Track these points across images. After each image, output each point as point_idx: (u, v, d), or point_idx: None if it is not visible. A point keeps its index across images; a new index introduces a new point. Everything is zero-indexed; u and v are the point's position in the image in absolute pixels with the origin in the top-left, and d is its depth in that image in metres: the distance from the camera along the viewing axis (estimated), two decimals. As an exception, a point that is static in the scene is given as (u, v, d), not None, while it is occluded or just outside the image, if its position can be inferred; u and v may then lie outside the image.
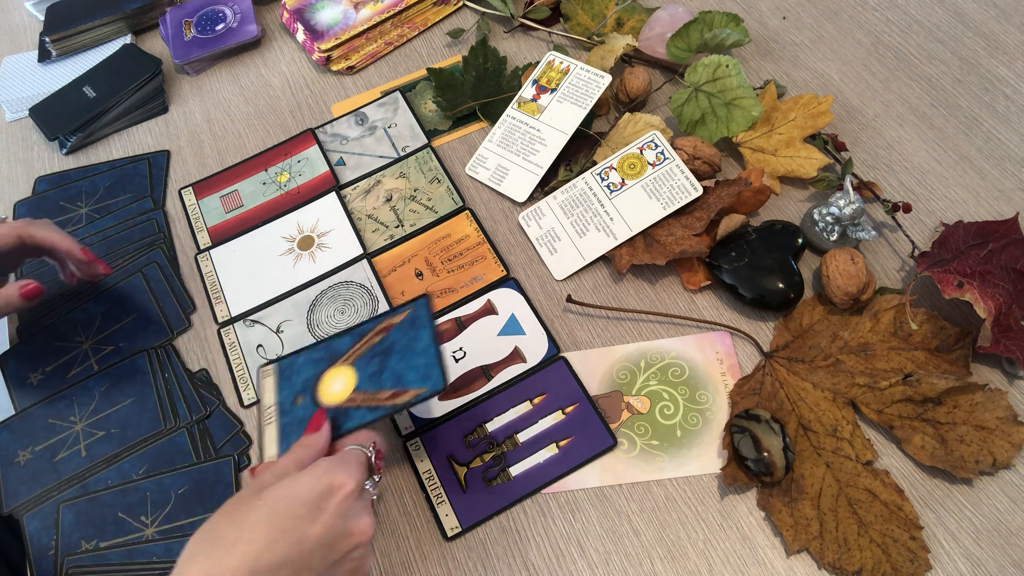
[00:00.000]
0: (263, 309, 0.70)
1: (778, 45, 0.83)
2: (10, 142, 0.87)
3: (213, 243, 0.75)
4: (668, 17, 0.79)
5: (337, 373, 0.59)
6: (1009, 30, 0.80)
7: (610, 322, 0.66)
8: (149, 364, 0.67)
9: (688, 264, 0.67)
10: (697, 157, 0.69)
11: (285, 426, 0.57)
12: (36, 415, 0.66)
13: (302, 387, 0.59)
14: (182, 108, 0.87)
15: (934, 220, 0.69)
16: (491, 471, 0.59)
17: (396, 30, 0.89)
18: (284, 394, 0.59)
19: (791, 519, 0.54)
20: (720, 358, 0.63)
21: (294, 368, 0.60)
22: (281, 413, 0.58)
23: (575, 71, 0.76)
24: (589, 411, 0.61)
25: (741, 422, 0.56)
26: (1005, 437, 0.55)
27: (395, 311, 0.60)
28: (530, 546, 0.56)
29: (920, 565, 0.52)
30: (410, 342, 0.58)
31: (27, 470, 0.63)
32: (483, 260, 0.70)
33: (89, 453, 0.63)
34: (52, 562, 0.59)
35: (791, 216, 0.70)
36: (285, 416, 0.58)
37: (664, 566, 0.55)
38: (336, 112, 0.84)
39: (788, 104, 0.72)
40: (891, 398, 0.58)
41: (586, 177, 0.71)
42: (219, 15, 0.91)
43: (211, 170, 0.81)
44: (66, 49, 0.91)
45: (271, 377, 0.58)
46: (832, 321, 0.62)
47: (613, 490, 0.58)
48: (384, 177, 0.77)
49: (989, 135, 0.73)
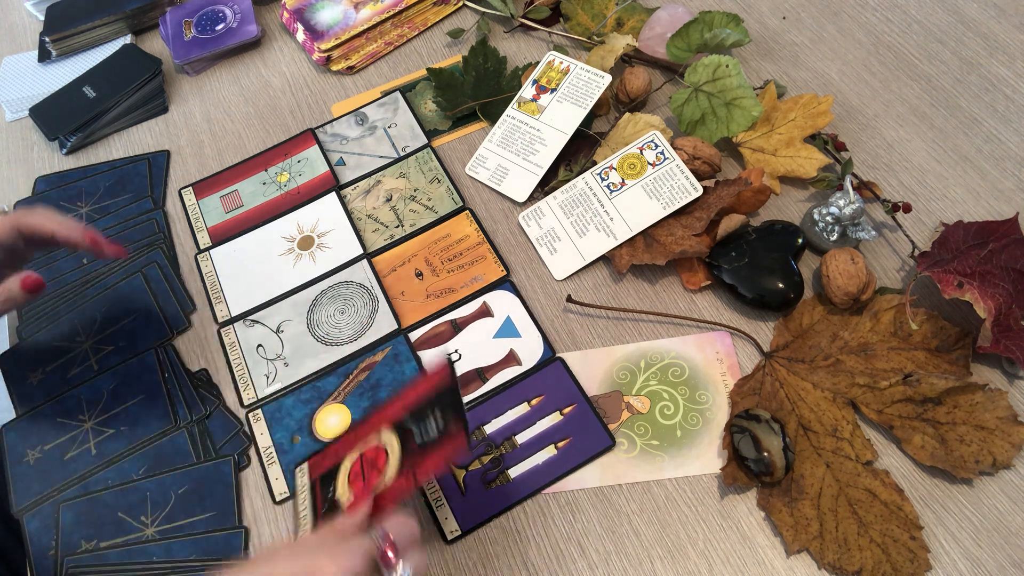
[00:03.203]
0: (263, 309, 0.70)
1: (778, 45, 0.83)
2: (10, 142, 0.87)
3: (213, 243, 0.75)
4: (668, 17, 0.79)
5: (330, 411, 0.63)
6: (1009, 30, 0.80)
7: (610, 322, 0.66)
8: (158, 361, 0.67)
9: (688, 264, 0.67)
10: (697, 157, 0.69)
11: (288, 464, 0.61)
12: (44, 414, 0.66)
13: (297, 427, 0.63)
14: (182, 108, 0.87)
15: (934, 220, 0.69)
16: (490, 473, 0.59)
17: (396, 30, 0.89)
18: (279, 435, 0.63)
19: (791, 519, 0.54)
20: (720, 358, 0.63)
21: (283, 410, 0.64)
22: (280, 453, 0.62)
23: (575, 71, 0.76)
24: (587, 412, 0.61)
25: (741, 422, 0.56)
26: (1005, 437, 0.55)
27: (374, 350, 0.65)
28: (530, 546, 0.56)
29: (920, 565, 0.52)
30: (397, 376, 0.64)
31: (37, 469, 0.63)
32: (483, 260, 0.70)
33: (99, 451, 0.63)
34: (52, 562, 0.59)
35: (791, 216, 0.70)
36: (285, 456, 0.62)
37: (664, 566, 0.55)
38: (336, 112, 0.84)
39: (788, 104, 0.72)
40: (891, 398, 0.58)
41: (586, 177, 0.71)
42: (219, 15, 0.91)
43: (211, 170, 0.81)
44: (66, 49, 0.91)
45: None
46: (832, 321, 0.62)
47: (613, 490, 0.58)
48: (384, 177, 0.77)
49: (989, 135, 0.73)
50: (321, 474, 0.55)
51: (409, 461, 0.51)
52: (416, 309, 0.68)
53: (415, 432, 0.53)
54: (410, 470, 0.50)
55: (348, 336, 0.67)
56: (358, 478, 0.52)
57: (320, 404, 0.64)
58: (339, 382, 0.65)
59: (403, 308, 0.68)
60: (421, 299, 0.69)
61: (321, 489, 0.54)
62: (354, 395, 0.64)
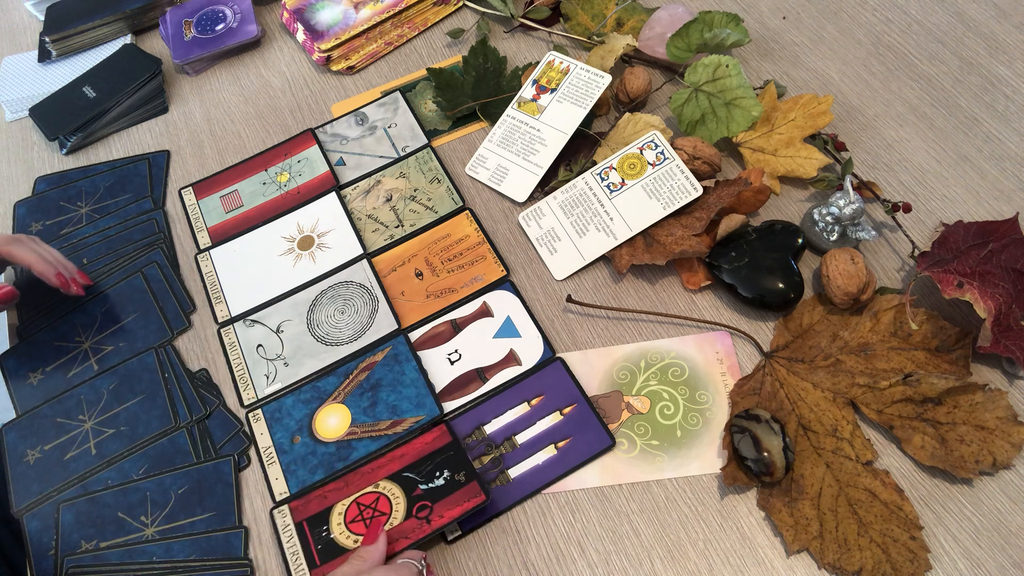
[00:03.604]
0: (263, 309, 0.70)
1: (778, 45, 0.83)
2: (10, 142, 0.87)
3: (213, 243, 0.75)
4: (668, 17, 0.79)
5: (330, 411, 0.63)
6: (1009, 30, 0.80)
7: (610, 322, 0.66)
8: (158, 361, 0.67)
9: (688, 264, 0.67)
10: (697, 157, 0.69)
11: (288, 464, 0.61)
12: (44, 414, 0.66)
13: (297, 427, 0.63)
14: (182, 108, 0.87)
15: (934, 220, 0.69)
16: (490, 473, 0.59)
17: (396, 30, 0.89)
18: (279, 435, 0.63)
19: (791, 519, 0.54)
20: (720, 358, 0.63)
21: (283, 410, 0.64)
22: (280, 453, 0.62)
23: (575, 71, 0.76)
24: (587, 412, 0.61)
25: (741, 422, 0.56)
26: (1005, 437, 0.55)
27: (374, 350, 0.66)
28: (530, 546, 0.56)
29: (920, 565, 0.52)
30: (397, 376, 0.64)
31: (37, 469, 0.63)
32: (483, 260, 0.70)
33: (99, 451, 0.63)
34: (52, 562, 0.59)
35: (791, 216, 0.70)
36: (285, 456, 0.62)
37: (664, 566, 0.55)
38: (336, 112, 0.84)
39: (788, 104, 0.72)
40: (891, 398, 0.58)
41: (586, 177, 0.71)
42: (219, 15, 0.91)
43: (211, 170, 0.81)
44: (66, 49, 0.91)
45: None
46: (832, 321, 0.62)
47: (613, 490, 0.58)
48: (384, 177, 0.77)
49: (989, 135, 0.73)
50: (307, 517, 0.58)
51: (417, 505, 0.56)
52: (416, 309, 0.68)
53: (418, 482, 0.58)
54: (423, 514, 0.56)
55: (348, 336, 0.67)
56: (357, 521, 0.57)
57: (320, 404, 0.64)
58: (339, 382, 0.65)
59: (403, 308, 0.68)
60: (421, 299, 0.69)
61: (311, 530, 0.57)
62: (354, 395, 0.64)
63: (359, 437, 0.61)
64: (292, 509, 0.58)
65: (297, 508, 0.59)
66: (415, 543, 0.55)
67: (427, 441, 0.60)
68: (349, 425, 0.62)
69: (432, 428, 0.61)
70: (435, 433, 0.60)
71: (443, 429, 0.60)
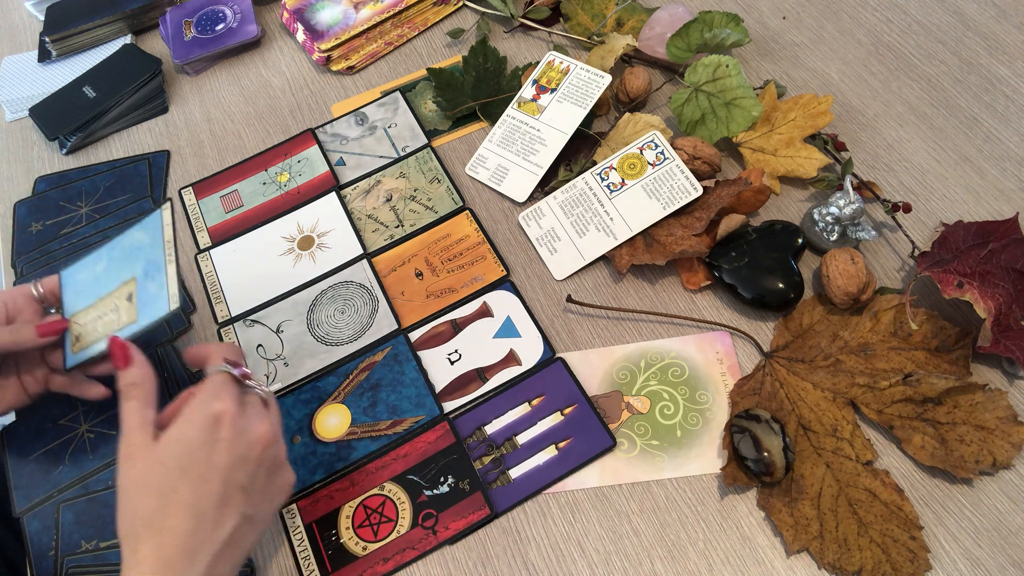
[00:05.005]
0: (263, 309, 0.70)
1: (778, 45, 0.83)
2: (10, 142, 0.87)
3: (213, 243, 0.75)
4: (668, 17, 0.79)
5: (330, 410, 0.63)
6: (1009, 30, 0.80)
7: (610, 322, 0.66)
8: (158, 362, 0.67)
9: (688, 264, 0.67)
10: (697, 157, 0.69)
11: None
12: (44, 415, 0.66)
13: (297, 427, 0.63)
14: (182, 108, 0.87)
15: (934, 220, 0.69)
16: (490, 474, 0.59)
17: (396, 30, 0.89)
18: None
19: (791, 519, 0.54)
20: (720, 358, 0.63)
21: (283, 410, 0.64)
22: None
23: (575, 71, 0.76)
24: (588, 412, 0.61)
25: (741, 422, 0.56)
26: (1005, 437, 0.55)
27: (374, 350, 0.66)
28: (530, 546, 0.56)
29: (920, 565, 0.52)
30: (397, 376, 0.64)
31: (37, 470, 0.63)
32: (483, 260, 0.70)
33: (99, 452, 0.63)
34: (52, 562, 0.59)
35: (791, 216, 0.70)
36: None
37: (664, 566, 0.55)
38: (336, 112, 0.84)
39: (788, 104, 0.72)
40: (891, 398, 0.58)
41: (586, 177, 0.71)
42: (219, 15, 0.91)
43: (211, 170, 0.81)
44: (66, 49, 0.91)
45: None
46: (832, 321, 0.62)
47: (613, 490, 0.58)
48: (384, 177, 0.77)
49: (989, 135, 0.73)
50: (315, 519, 0.58)
51: (423, 513, 0.57)
52: (416, 309, 0.68)
53: (423, 486, 0.58)
54: (429, 523, 0.56)
55: (348, 336, 0.67)
56: (365, 526, 0.57)
57: (320, 404, 0.64)
58: (339, 382, 0.65)
59: (403, 308, 0.68)
60: (421, 299, 0.69)
61: (320, 533, 0.57)
62: (354, 395, 0.64)
63: (359, 437, 0.61)
64: (300, 509, 0.59)
65: (306, 508, 0.59)
66: (423, 554, 0.56)
67: (430, 440, 0.60)
68: (349, 425, 0.62)
69: (435, 426, 0.61)
70: (438, 432, 0.60)
71: (446, 428, 0.61)
